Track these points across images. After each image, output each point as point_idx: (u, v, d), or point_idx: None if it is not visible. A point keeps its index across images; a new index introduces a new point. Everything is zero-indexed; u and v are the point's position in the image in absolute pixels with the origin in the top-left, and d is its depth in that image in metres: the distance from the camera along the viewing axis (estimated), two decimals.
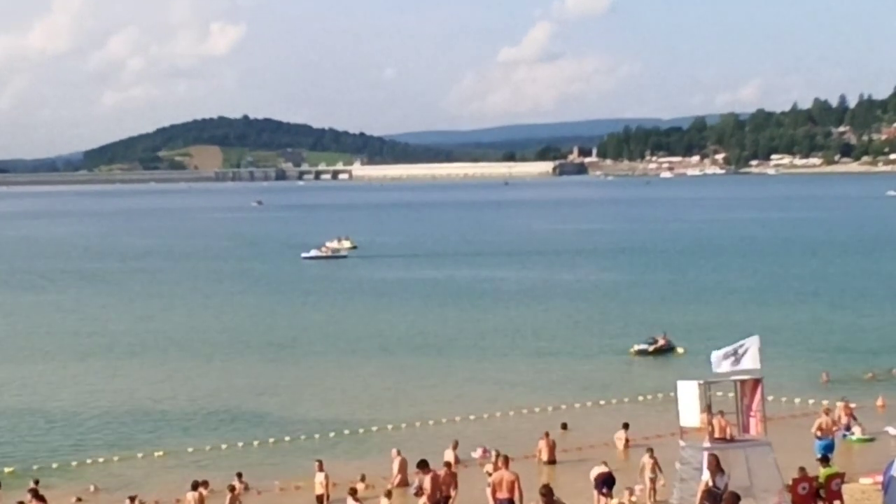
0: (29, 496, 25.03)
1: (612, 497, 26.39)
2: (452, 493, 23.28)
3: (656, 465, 25.68)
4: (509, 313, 66.44)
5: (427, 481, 22.78)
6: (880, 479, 25.80)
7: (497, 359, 49.99)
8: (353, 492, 25.07)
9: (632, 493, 23.76)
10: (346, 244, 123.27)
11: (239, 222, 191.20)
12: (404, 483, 27.47)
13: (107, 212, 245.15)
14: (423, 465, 23.71)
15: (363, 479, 28.87)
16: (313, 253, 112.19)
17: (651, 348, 50.66)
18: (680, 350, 49.41)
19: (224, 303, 76.97)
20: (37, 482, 26.87)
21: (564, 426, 35.11)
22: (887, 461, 25.99)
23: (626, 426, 32.97)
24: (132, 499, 25.28)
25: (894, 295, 68.17)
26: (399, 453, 29.55)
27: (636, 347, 51.04)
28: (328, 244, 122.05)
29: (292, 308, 73.00)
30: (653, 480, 25.81)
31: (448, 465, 26.74)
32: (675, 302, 67.67)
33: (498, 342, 55.03)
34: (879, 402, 36.50)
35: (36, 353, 55.25)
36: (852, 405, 33.85)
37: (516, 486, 22.50)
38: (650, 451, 26.01)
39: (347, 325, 62.76)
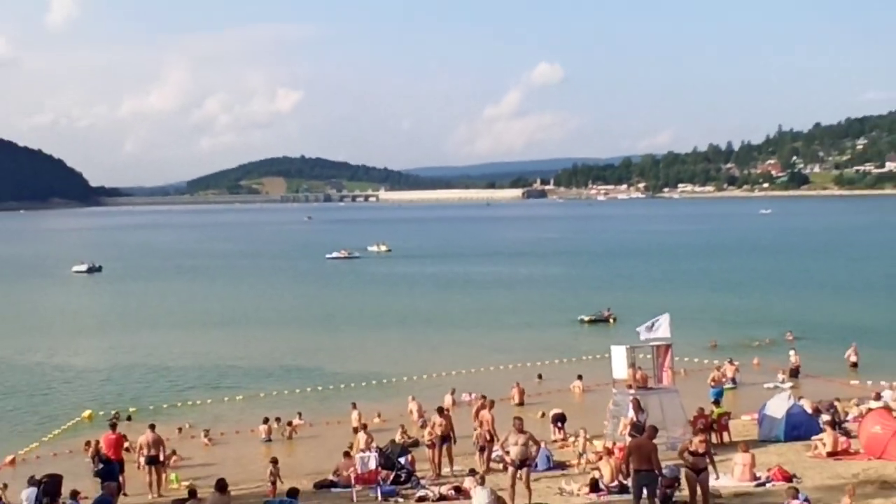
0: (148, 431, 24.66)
1: (563, 430, 26.35)
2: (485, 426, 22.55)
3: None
4: (489, 296, 66.27)
5: (439, 419, 22.33)
6: (756, 416, 25.94)
7: (480, 329, 49.83)
8: (364, 426, 24.86)
9: (586, 432, 23.43)
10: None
11: (294, 232, 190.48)
12: (420, 420, 27.31)
13: (203, 224, 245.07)
14: (440, 410, 23.41)
15: (379, 415, 29.06)
16: (335, 254, 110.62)
17: (587, 318, 50.50)
18: (614, 320, 49.17)
19: (283, 289, 76.69)
20: (152, 426, 26.88)
21: (540, 377, 35.16)
22: (761, 404, 26.28)
23: (580, 377, 33.02)
24: (180, 429, 24.81)
25: (762, 285, 68.51)
26: (414, 399, 29.64)
27: (584, 317, 51.05)
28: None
29: (331, 292, 72.72)
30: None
31: (483, 398, 26.44)
32: (609, 288, 67.19)
33: (481, 317, 54.80)
34: (755, 362, 36.59)
35: (148, 325, 55.31)
36: (736, 363, 33.93)
37: (491, 423, 22.43)
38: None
39: (373, 305, 62.43)
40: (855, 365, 35.04)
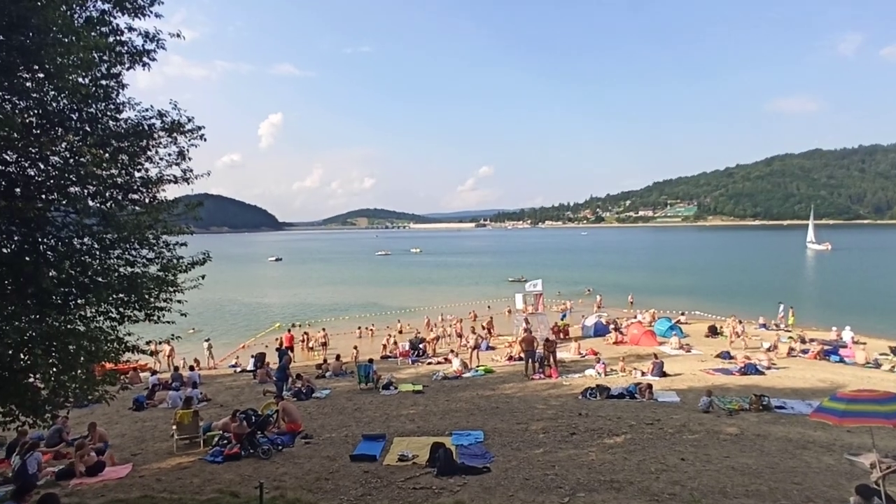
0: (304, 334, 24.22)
1: (492, 332, 25.48)
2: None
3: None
4: (459, 271, 65.26)
5: (429, 335, 22.15)
6: (581, 326, 25.77)
7: (455, 285, 49.20)
8: (400, 331, 24.48)
9: (517, 336, 22.80)
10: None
11: (368, 243, 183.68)
12: (429, 328, 26.26)
13: (328, 239, 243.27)
14: (428, 324, 22.85)
15: (409, 325, 28.19)
16: (379, 253, 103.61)
17: (510, 279, 49.66)
18: (524, 280, 48.57)
19: (361, 267, 75.44)
20: (323, 329, 26.01)
21: (489, 307, 34.16)
22: (582, 320, 25.95)
23: (509, 307, 31.74)
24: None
25: (582, 265, 67.34)
26: (427, 317, 28.69)
27: (509, 278, 50.36)
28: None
29: (383, 270, 71.40)
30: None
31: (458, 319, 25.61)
32: (517, 266, 66.09)
33: (455, 280, 53.99)
34: (580, 301, 36.20)
35: (303, 284, 54.34)
36: (571, 302, 33.67)
37: (461, 329, 22.14)
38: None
39: (404, 275, 61.58)
40: (632, 303, 34.68)
